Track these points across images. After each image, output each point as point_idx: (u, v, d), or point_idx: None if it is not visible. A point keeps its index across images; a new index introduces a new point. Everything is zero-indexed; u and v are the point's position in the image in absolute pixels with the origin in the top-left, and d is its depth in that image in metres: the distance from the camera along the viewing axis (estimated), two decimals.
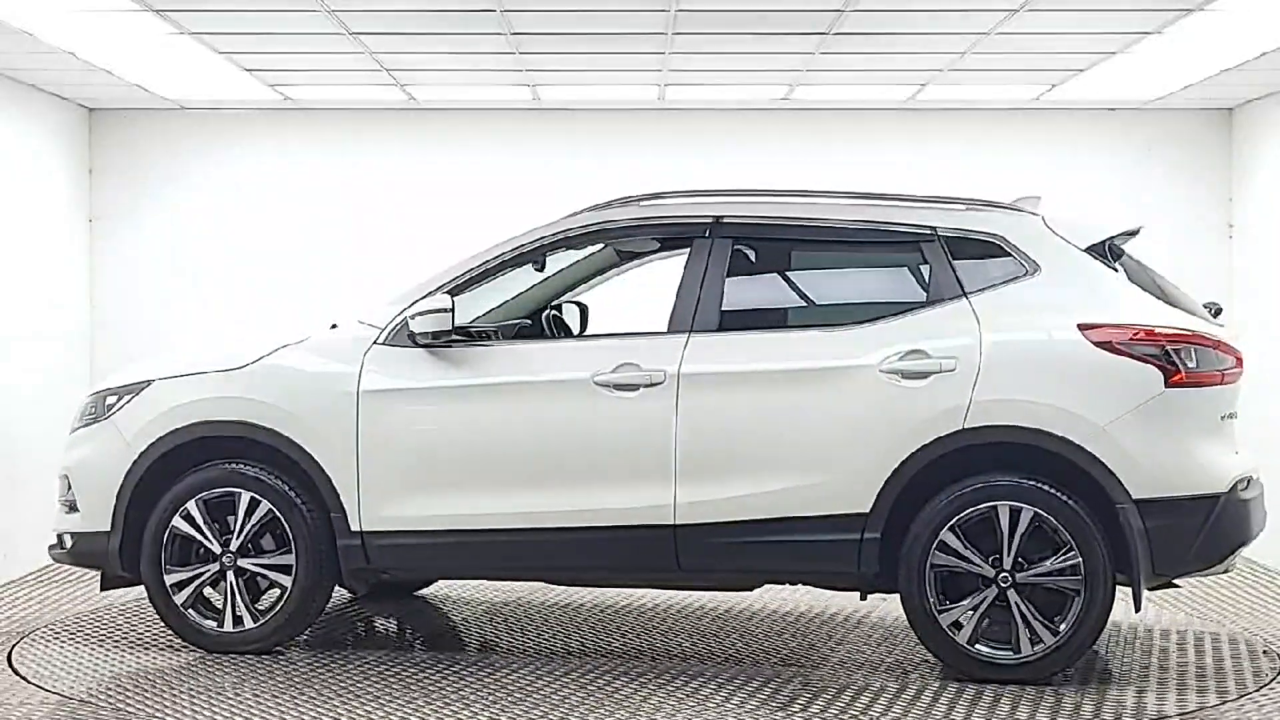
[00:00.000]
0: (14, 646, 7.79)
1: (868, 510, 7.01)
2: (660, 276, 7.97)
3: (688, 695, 6.78)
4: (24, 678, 7.12)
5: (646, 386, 7.24)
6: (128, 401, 7.80)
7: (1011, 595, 6.90)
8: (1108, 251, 7.25)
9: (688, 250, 7.49)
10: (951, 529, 6.95)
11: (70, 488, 7.86)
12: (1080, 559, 6.85)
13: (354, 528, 7.45)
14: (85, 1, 8.01)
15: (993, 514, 6.92)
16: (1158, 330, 6.93)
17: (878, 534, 7.00)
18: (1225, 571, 7.22)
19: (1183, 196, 11.38)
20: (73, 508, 7.82)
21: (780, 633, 8.08)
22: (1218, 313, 7.59)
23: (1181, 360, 6.92)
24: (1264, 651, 7.76)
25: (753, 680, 7.06)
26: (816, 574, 7.32)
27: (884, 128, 11.36)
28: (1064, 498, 6.87)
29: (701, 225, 7.49)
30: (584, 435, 7.29)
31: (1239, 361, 7.20)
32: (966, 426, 6.94)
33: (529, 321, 8.26)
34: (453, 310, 7.36)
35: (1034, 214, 7.37)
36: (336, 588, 7.77)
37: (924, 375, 7.00)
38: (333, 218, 11.41)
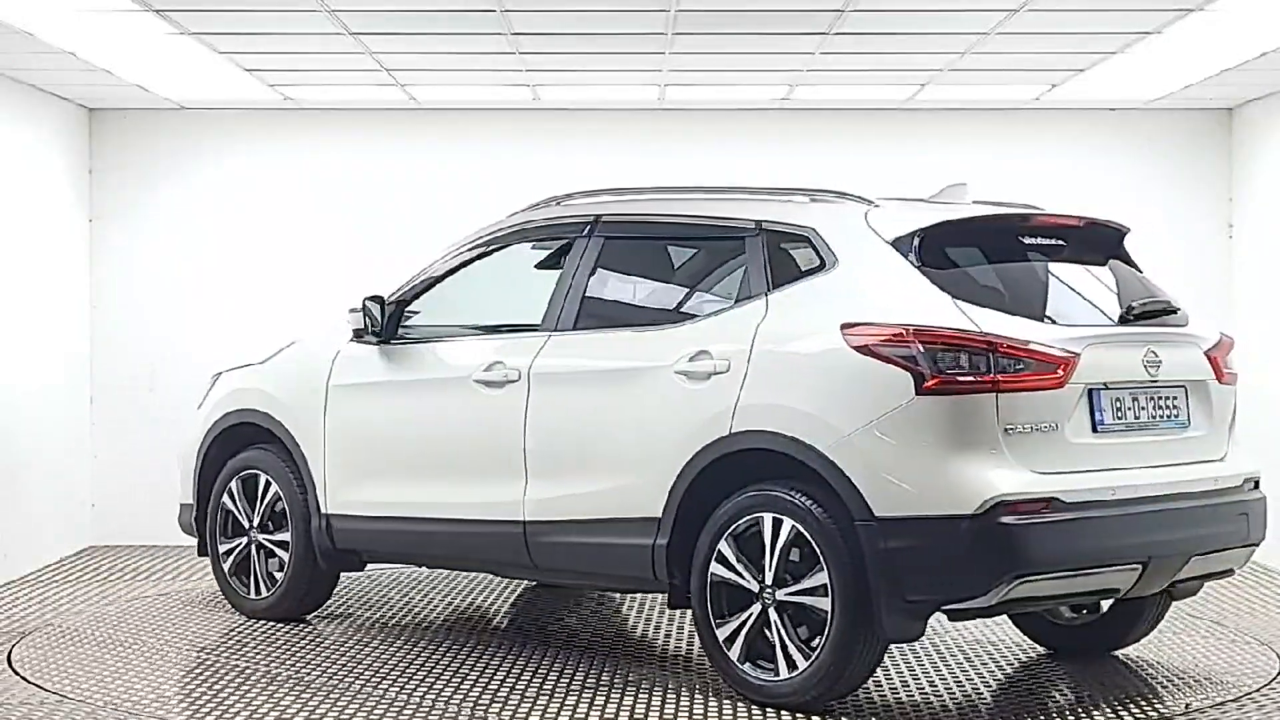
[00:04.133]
0: (14, 646, 7.79)
1: (659, 515, 6.74)
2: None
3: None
4: (24, 678, 7.12)
5: (508, 384, 7.40)
6: (210, 388, 8.89)
7: (772, 613, 6.42)
8: (916, 245, 6.49)
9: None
10: (727, 540, 6.53)
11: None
12: (830, 578, 6.23)
13: (323, 510, 8.15)
14: (85, 1, 8.01)
15: (760, 526, 6.47)
16: (913, 331, 6.16)
17: (666, 540, 6.71)
18: (1000, 606, 6.20)
19: (1183, 196, 11.38)
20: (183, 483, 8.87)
21: None
22: (1146, 315, 6.71)
23: (937, 365, 6.10)
24: (1264, 652, 7.76)
25: None
26: (626, 580, 7.11)
27: (884, 128, 11.36)
28: (817, 511, 6.27)
29: (582, 225, 7.55)
30: (464, 431, 7.58)
31: (1052, 368, 6.21)
32: (733, 431, 6.52)
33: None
34: (363, 310, 7.99)
35: (865, 204, 6.78)
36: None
37: (706, 377, 6.67)
38: (333, 218, 11.40)
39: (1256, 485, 6.95)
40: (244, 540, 8.52)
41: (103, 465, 11.38)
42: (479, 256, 8.00)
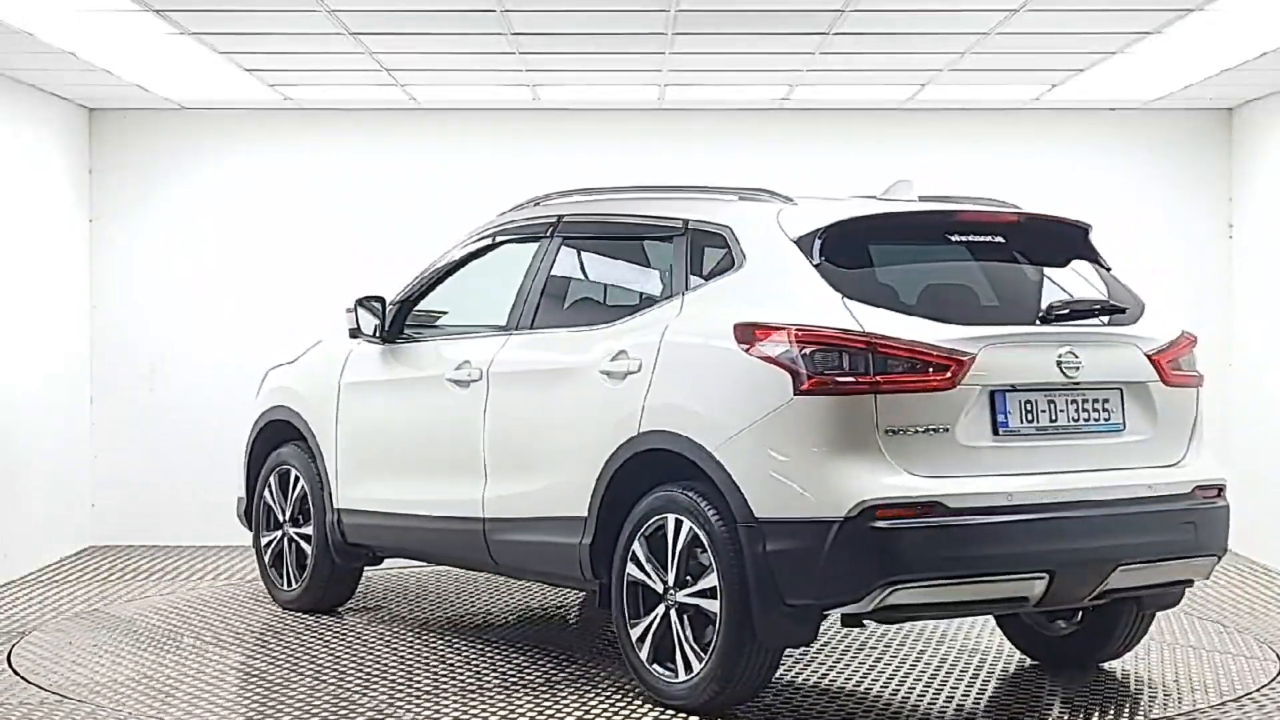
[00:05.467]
0: (14, 646, 7.79)
1: (585, 515, 6.75)
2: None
3: None
4: (24, 678, 7.12)
5: (472, 383, 7.50)
6: (260, 386, 9.11)
7: (673, 615, 6.38)
8: (817, 243, 6.32)
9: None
10: (640, 540, 6.50)
11: None
12: (719, 581, 6.15)
13: (334, 505, 8.35)
14: (85, 1, 8.01)
15: (665, 527, 6.41)
16: (793, 330, 6.04)
17: (590, 540, 6.71)
18: (886, 613, 5.99)
19: (1183, 196, 11.38)
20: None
21: None
22: (1067, 315, 6.42)
23: (815, 365, 5.96)
24: (1264, 652, 7.76)
25: None
26: (566, 578, 7.07)
27: (884, 128, 11.36)
28: (710, 513, 6.19)
29: (547, 225, 7.60)
30: (438, 429, 7.71)
31: (940, 369, 6.01)
32: (641, 431, 6.50)
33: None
34: (354, 311, 8.12)
35: (783, 202, 6.63)
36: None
37: (623, 377, 6.66)
38: (333, 218, 11.40)
39: (1220, 493, 6.59)
40: (279, 533, 8.79)
41: (103, 465, 11.37)
42: (472, 256, 8.07)
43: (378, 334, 8.14)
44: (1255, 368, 10.83)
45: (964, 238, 6.62)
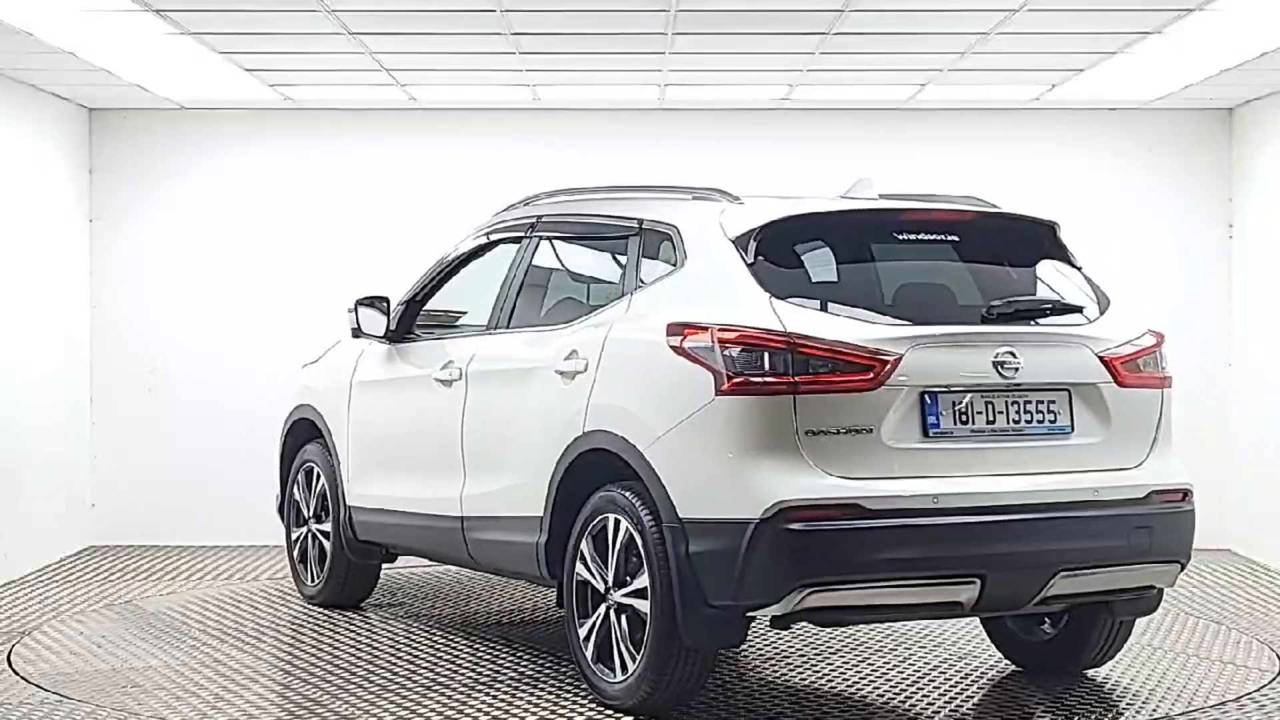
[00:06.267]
0: (14, 646, 7.79)
1: (542, 513, 6.75)
2: None
3: None
4: (24, 678, 7.12)
5: (453, 383, 7.57)
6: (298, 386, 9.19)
7: (612, 615, 6.36)
8: (753, 242, 6.22)
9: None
10: (586, 539, 6.48)
11: None
12: (649, 581, 6.09)
13: (346, 502, 8.44)
14: (85, 1, 8.01)
15: (607, 527, 6.37)
16: (715, 330, 5.96)
17: (545, 539, 6.72)
18: (809, 615, 5.90)
19: (1183, 196, 11.38)
20: None
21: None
22: (1010, 314, 6.23)
23: (736, 365, 5.88)
24: (1264, 652, 7.76)
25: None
26: (531, 578, 7.06)
27: (884, 128, 11.36)
28: (643, 513, 6.13)
29: (527, 225, 7.64)
30: (425, 428, 7.77)
31: (863, 369, 5.88)
32: (585, 431, 6.49)
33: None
34: (354, 312, 8.13)
35: (729, 202, 6.55)
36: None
37: (572, 376, 6.66)
38: (333, 218, 11.40)
39: (1185, 497, 6.39)
40: (305, 530, 8.94)
41: (103, 465, 11.37)
42: (470, 255, 8.09)
43: (384, 333, 8.17)
44: (1255, 368, 10.83)
45: (913, 236, 6.49)
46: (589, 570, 6.48)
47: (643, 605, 6.15)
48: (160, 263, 11.42)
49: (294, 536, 9.06)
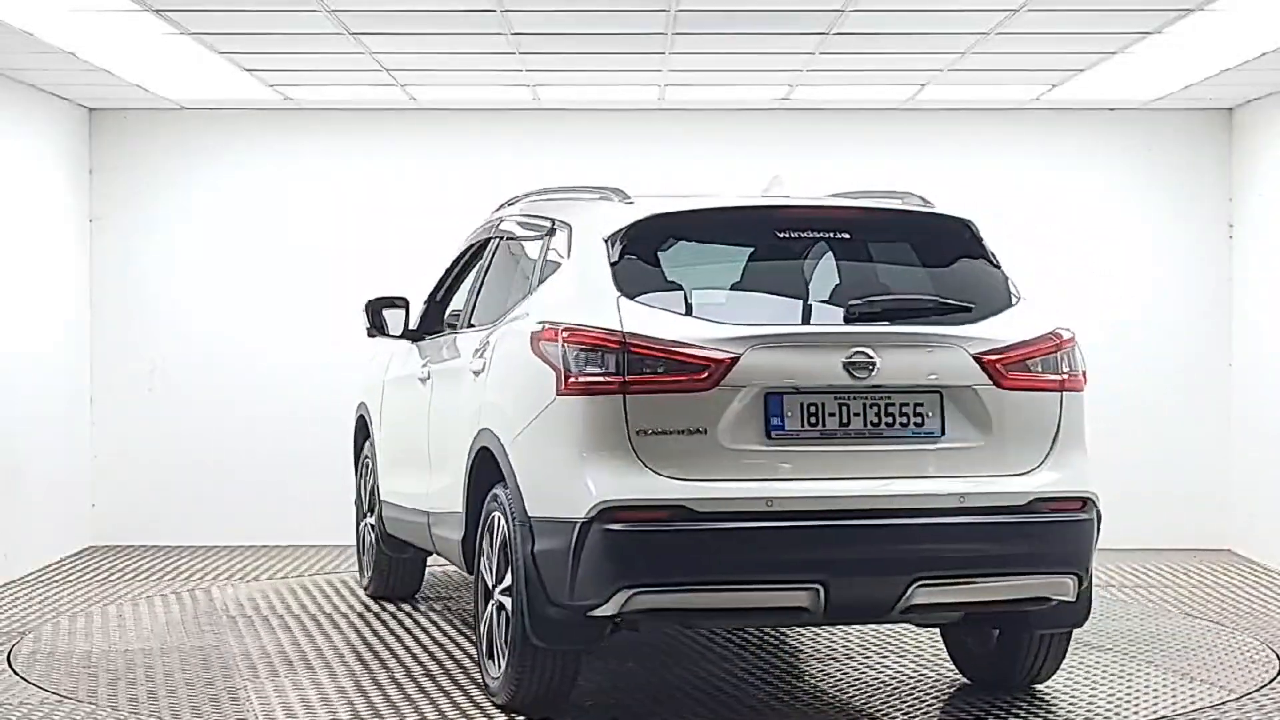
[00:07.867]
0: (14, 646, 7.79)
1: (461, 510, 6.82)
2: None
3: None
4: (24, 678, 7.12)
5: (422, 382, 7.78)
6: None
7: (492, 611, 6.34)
8: (618, 242, 6.13)
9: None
10: (485, 536, 6.45)
11: None
12: (512, 579, 6.05)
13: (380, 496, 8.67)
14: (85, 1, 8.01)
15: (495, 524, 6.35)
16: (560, 330, 5.92)
17: (461, 535, 6.77)
18: (642, 617, 5.81)
19: (1183, 196, 11.38)
20: None
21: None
22: (873, 314, 6.04)
23: (574, 365, 5.82)
24: (1264, 652, 7.75)
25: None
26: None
27: (884, 128, 11.36)
28: (511, 511, 6.08)
29: (493, 227, 7.73)
30: (412, 426, 7.94)
31: (698, 369, 5.74)
32: (480, 428, 6.52)
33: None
34: (366, 312, 8.17)
35: (617, 201, 6.49)
36: None
37: (476, 375, 6.75)
38: (332, 217, 11.40)
39: (1084, 505, 6.02)
40: (363, 522, 9.26)
41: (103, 465, 11.37)
42: (468, 254, 8.10)
43: (402, 333, 8.26)
44: (1255, 368, 10.83)
45: (796, 234, 6.34)
46: (484, 567, 6.50)
47: (510, 603, 6.14)
48: (160, 263, 11.42)
49: (359, 529, 9.36)
